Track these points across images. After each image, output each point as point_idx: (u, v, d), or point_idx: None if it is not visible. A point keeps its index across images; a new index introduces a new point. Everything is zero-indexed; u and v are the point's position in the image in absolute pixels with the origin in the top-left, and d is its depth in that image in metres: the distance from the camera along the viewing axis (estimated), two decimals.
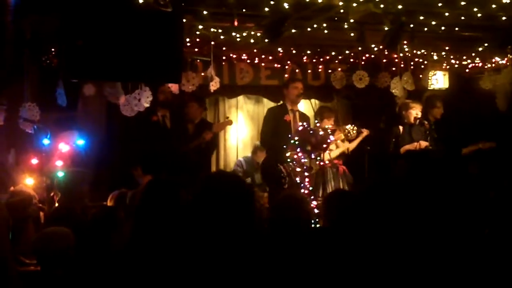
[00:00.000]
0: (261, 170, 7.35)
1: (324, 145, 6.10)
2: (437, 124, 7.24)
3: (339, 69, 7.82)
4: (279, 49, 7.23)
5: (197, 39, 6.22)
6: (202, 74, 6.88)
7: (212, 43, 6.22)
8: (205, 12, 5.20)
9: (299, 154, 6.12)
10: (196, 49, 6.65)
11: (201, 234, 2.35)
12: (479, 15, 5.43)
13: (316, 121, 6.68)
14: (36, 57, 5.84)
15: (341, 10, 5.25)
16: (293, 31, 5.78)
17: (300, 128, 6.25)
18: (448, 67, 8.26)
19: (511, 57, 7.36)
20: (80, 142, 6.23)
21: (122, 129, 6.80)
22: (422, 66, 8.18)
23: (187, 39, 6.01)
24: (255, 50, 7.21)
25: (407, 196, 2.54)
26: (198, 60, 6.99)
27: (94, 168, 6.47)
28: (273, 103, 7.87)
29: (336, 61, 7.93)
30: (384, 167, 7.06)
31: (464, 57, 7.83)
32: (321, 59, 7.93)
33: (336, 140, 6.94)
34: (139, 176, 6.17)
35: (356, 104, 8.61)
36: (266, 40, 5.76)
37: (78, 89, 6.64)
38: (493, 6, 5.25)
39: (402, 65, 7.21)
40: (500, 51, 7.14)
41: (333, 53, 7.57)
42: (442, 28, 5.96)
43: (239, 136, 9.04)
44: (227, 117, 7.83)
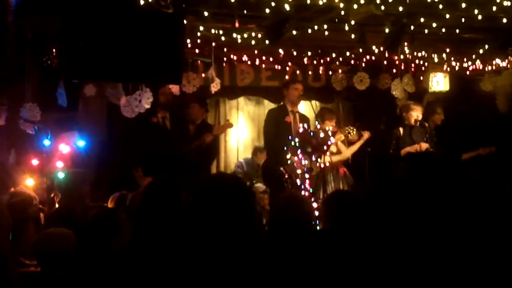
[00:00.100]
0: (262, 171, 7.34)
1: (325, 147, 6.10)
2: (437, 129, 7.25)
3: (339, 70, 7.82)
4: (280, 50, 7.23)
5: (198, 40, 6.22)
6: (203, 75, 6.88)
7: (213, 44, 6.22)
8: (206, 13, 5.20)
9: (300, 156, 6.12)
10: (197, 50, 6.65)
11: (202, 235, 2.35)
12: (479, 17, 5.43)
13: (316, 122, 6.68)
14: (37, 57, 5.84)
15: (342, 12, 5.24)
16: (294, 32, 5.78)
17: (301, 130, 6.25)
18: (448, 69, 8.26)
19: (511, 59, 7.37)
20: (81, 143, 6.23)
21: (123, 130, 6.80)
22: (423, 68, 8.18)
23: (188, 40, 6.01)
24: (256, 51, 7.21)
25: (408, 198, 2.54)
26: (199, 61, 7.00)
27: (95, 169, 6.49)
28: (273, 105, 7.87)
29: (337, 63, 7.93)
30: (385, 169, 7.06)
31: (465, 59, 7.84)
32: (322, 61, 7.93)
33: (337, 142, 6.94)
34: (140, 177, 6.17)
35: (357, 105, 8.62)
36: (267, 42, 5.76)
37: (79, 89, 6.64)
38: (494, 8, 5.26)
39: (402, 67, 7.21)
40: (500, 53, 7.15)
41: (334, 54, 7.58)
42: (443, 30, 5.96)
43: (240, 137, 9.04)
44: (227, 120, 7.83)
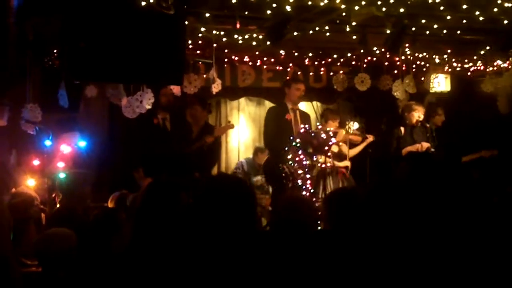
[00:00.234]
0: (263, 171, 7.35)
1: (326, 148, 6.11)
2: (438, 130, 7.25)
3: (341, 71, 7.82)
4: (281, 51, 7.23)
5: (199, 41, 6.23)
6: (204, 76, 6.88)
7: (214, 45, 6.23)
8: (207, 15, 5.21)
9: (301, 156, 6.13)
10: (198, 51, 6.65)
11: (202, 236, 2.35)
12: (481, 18, 5.44)
13: (318, 123, 6.68)
14: (38, 58, 5.85)
15: (343, 13, 5.25)
16: (295, 33, 5.79)
17: (302, 130, 6.26)
18: (449, 70, 8.27)
19: None
20: (82, 143, 6.25)
21: (124, 130, 6.81)
22: (424, 69, 8.18)
23: (189, 41, 6.02)
24: (257, 53, 7.21)
25: (409, 197, 2.54)
26: (200, 62, 7.00)
27: (96, 170, 6.50)
28: (274, 105, 7.87)
29: (338, 64, 7.94)
30: (386, 169, 7.06)
31: (466, 60, 7.84)
32: (323, 62, 7.94)
33: (338, 142, 6.94)
34: (140, 178, 6.18)
35: (358, 106, 8.62)
36: (268, 43, 5.76)
37: (80, 90, 6.64)
38: (495, 9, 5.27)
39: (404, 68, 7.21)
40: (501, 54, 7.14)
41: (335, 55, 7.58)
42: (444, 31, 5.97)
43: (241, 138, 9.05)
44: (228, 121, 7.84)
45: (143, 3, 4.52)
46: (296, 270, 2.64)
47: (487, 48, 6.63)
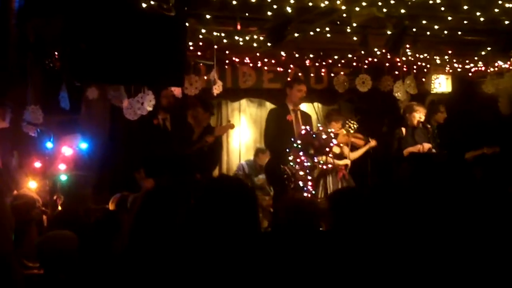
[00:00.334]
0: (265, 172, 7.35)
1: (327, 149, 6.11)
2: (440, 130, 7.24)
3: (342, 72, 7.82)
4: (282, 52, 7.23)
5: (200, 43, 6.23)
6: (205, 77, 6.88)
7: (215, 46, 6.22)
8: (208, 16, 5.21)
9: (302, 157, 6.13)
10: (199, 53, 6.66)
11: (203, 237, 2.35)
12: (482, 19, 5.43)
13: (318, 125, 6.68)
14: (39, 60, 5.84)
15: (344, 14, 5.24)
16: (296, 35, 5.78)
17: (303, 131, 6.25)
18: (451, 71, 8.26)
19: None
20: (83, 145, 6.25)
21: (125, 132, 6.80)
22: (425, 70, 8.18)
23: (190, 43, 6.01)
24: (257, 54, 7.21)
25: (410, 198, 2.53)
26: (201, 64, 7.00)
27: (97, 171, 6.49)
28: (275, 107, 7.87)
29: (339, 65, 7.93)
30: (387, 170, 7.06)
31: (467, 61, 7.83)
32: (324, 63, 7.93)
33: (340, 143, 6.94)
34: (142, 179, 6.18)
35: (359, 107, 8.61)
36: (269, 44, 5.75)
37: (82, 92, 6.64)
38: (496, 10, 5.26)
39: (405, 69, 7.21)
40: (503, 55, 7.13)
41: (336, 56, 7.57)
42: (445, 32, 5.96)
43: (242, 139, 9.05)
44: (229, 121, 7.83)
45: (144, 5, 4.52)
46: (298, 271, 2.63)
47: (488, 49, 6.61)
